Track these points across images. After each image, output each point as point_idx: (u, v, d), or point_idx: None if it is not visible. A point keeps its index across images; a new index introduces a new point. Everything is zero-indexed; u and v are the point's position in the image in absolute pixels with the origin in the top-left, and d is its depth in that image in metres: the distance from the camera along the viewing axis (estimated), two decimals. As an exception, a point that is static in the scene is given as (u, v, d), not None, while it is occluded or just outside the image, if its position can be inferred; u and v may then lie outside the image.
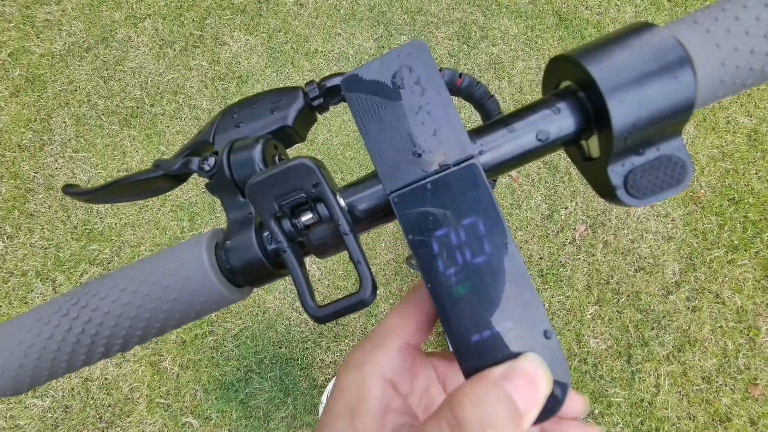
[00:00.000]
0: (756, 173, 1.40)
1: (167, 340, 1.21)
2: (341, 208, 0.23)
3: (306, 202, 0.23)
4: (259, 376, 1.20)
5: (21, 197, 1.30)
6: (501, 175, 0.25)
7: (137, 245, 1.28)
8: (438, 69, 0.23)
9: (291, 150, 0.31)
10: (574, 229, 1.34)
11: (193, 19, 1.48)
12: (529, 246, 1.33)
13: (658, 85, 0.20)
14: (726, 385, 1.22)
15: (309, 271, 1.03)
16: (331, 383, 1.19)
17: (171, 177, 0.29)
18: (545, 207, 1.36)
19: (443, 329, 0.23)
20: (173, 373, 1.19)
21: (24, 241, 1.26)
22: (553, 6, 1.54)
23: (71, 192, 0.30)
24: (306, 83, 0.29)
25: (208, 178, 0.27)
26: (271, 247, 0.24)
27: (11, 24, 1.44)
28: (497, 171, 0.23)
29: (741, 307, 1.28)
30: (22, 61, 1.41)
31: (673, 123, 0.21)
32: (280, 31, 1.48)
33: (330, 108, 0.30)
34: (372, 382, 0.22)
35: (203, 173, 0.26)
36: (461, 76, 0.34)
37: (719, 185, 1.39)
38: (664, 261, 1.32)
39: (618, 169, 0.22)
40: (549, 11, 1.54)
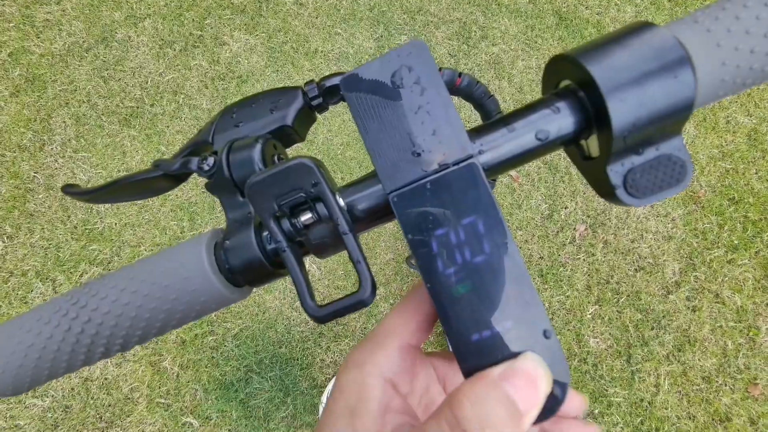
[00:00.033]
0: (756, 173, 1.40)
1: (167, 339, 1.21)
2: (340, 207, 0.23)
3: (305, 201, 0.23)
4: (259, 375, 1.20)
5: (21, 197, 1.30)
6: (501, 175, 0.25)
7: (137, 245, 1.28)
8: (438, 69, 0.23)
9: (290, 150, 0.31)
10: (574, 229, 1.34)
11: (193, 19, 1.48)
12: (529, 246, 1.33)
13: (658, 85, 0.20)
14: (726, 385, 1.22)
15: (308, 271, 1.03)
16: (331, 383, 1.19)
17: (171, 177, 0.29)
18: (545, 207, 1.36)
19: (443, 329, 0.22)
20: (173, 373, 1.19)
21: (24, 241, 1.26)
22: (553, 6, 1.54)
23: (71, 192, 0.30)
24: (305, 83, 0.29)
25: (207, 177, 0.27)
26: (271, 247, 0.24)
27: (11, 24, 1.44)
28: (497, 170, 0.23)
29: (741, 307, 1.28)
30: (22, 61, 1.41)
31: (673, 122, 0.21)
32: (279, 31, 1.48)
33: (329, 108, 0.30)
34: (372, 382, 0.22)
35: (203, 173, 0.26)
36: (461, 75, 0.34)
37: (719, 185, 1.39)
38: (664, 261, 1.32)
39: (617, 169, 0.22)
40: (549, 11, 1.54)
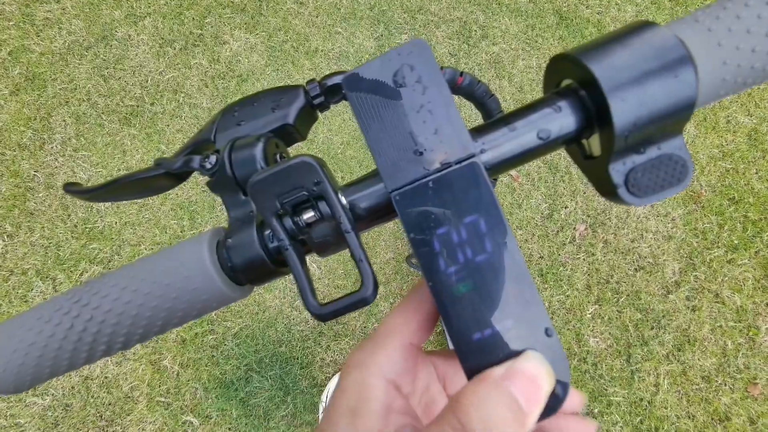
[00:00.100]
0: (756, 173, 1.40)
1: (167, 338, 1.21)
2: (343, 206, 0.23)
3: (307, 200, 0.23)
4: (259, 374, 1.20)
5: (21, 196, 1.30)
6: (502, 174, 0.25)
7: (137, 244, 1.28)
8: (439, 68, 0.23)
9: (291, 149, 0.31)
10: (574, 229, 1.34)
11: (193, 18, 1.48)
12: (529, 245, 1.33)
13: (659, 84, 0.20)
14: (725, 385, 1.22)
15: (309, 270, 1.03)
16: (331, 382, 1.19)
17: (172, 175, 0.29)
18: (545, 206, 1.36)
19: (444, 328, 0.23)
20: (173, 372, 1.19)
21: (24, 240, 1.26)
22: (554, 5, 1.54)
23: (72, 190, 0.30)
24: (307, 82, 0.29)
25: (209, 176, 0.27)
26: (273, 245, 0.24)
27: (11, 22, 1.43)
28: (498, 169, 0.23)
29: (741, 307, 1.28)
30: (22, 60, 1.41)
31: (675, 122, 0.21)
32: (280, 30, 1.48)
33: (331, 107, 0.30)
34: (374, 382, 0.21)
35: (205, 171, 0.26)
36: (462, 74, 0.34)
37: (719, 185, 1.39)
38: (664, 260, 1.32)
39: (619, 168, 0.22)
40: (549, 10, 1.54)
